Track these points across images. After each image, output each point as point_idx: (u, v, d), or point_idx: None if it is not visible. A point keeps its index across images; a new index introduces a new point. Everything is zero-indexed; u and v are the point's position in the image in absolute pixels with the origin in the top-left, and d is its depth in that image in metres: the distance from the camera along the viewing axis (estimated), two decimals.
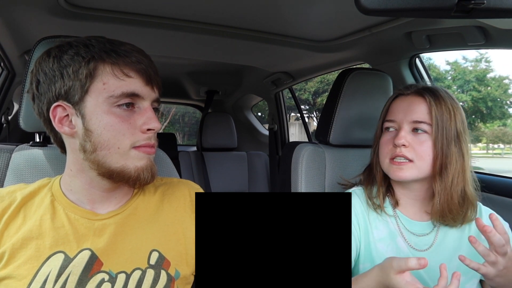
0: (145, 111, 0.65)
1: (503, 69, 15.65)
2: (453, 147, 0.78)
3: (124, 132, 0.62)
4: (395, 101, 0.86)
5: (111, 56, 0.62)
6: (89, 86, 0.61)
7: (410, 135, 0.80)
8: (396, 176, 0.81)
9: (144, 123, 0.64)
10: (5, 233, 0.62)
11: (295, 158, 1.09)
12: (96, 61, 0.61)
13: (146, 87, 0.65)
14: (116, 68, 0.62)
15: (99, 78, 0.61)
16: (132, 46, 0.66)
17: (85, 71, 0.61)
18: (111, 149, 0.62)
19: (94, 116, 0.61)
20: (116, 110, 0.62)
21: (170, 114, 8.11)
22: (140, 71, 0.64)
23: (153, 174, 0.67)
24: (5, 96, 1.72)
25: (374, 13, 0.56)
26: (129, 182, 0.64)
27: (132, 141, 0.63)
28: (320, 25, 1.30)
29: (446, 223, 0.82)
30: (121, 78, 0.62)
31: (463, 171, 0.79)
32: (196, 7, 1.15)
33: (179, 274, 0.68)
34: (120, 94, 0.62)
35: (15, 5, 1.11)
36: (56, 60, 0.62)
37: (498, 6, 0.54)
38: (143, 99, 0.65)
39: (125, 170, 0.63)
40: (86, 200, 0.67)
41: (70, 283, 0.60)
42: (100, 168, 0.63)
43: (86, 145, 0.62)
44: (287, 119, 2.49)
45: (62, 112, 0.63)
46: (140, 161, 0.64)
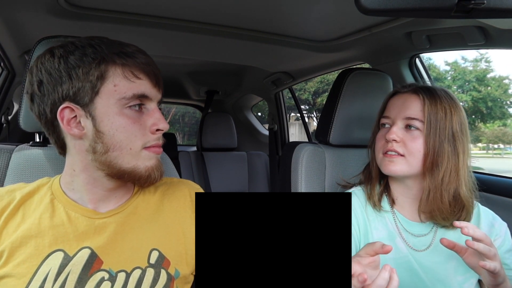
0: (153, 112, 0.66)
1: (503, 69, 15.65)
2: (447, 146, 0.78)
3: (136, 133, 0.63)
4: (392, 98, 0.87)
5: (121, 58, 0.62)
6: (100, 87, 0.61)
7: (402, 131, 0.81)
8: (387, 170, 0.82)
9: (154, 124, 0.65)
10: (4, 232, 0.62)
11: (295, 158, 1.09)
12: (107, 62, 0.61)
13: (154, 88, 0.66)
14: (126, 69, 0.62)
15: (110, 79, 0.61)
16: (137, 48, 0.66)
17: (96, 72, 0.61)
18: (123, 150, 0.63)
19: (105, 118, 0.62)
20: (127, 111, 0.63)
21: (170, 114, 8.11)
22: (149, 73, 0.64)
23: (162, 173, 0.68)
24: (5, 96, 1.72)
25: (374, 13, 0.56)
26: (140, 181, 0.66)
27: (144, 142, 0.64)
28: (320, 25, 1.30)
29: (437, 222, 0.82)
30: (131, 80, 0.62)
31: (456, 170, 0.78)
32: (196, 7, 1.15)
33: (178, 273, 0.68)
34: (131, 96, 0.62)
35: (15, 5, 1.11)
36: (63, 60, 0.61)
37: (498, 6, 0.54)
38: (151, 100, 0.66)
39: (136, 170, 0.64)
40: (88, 199, 0.67)
41: (69, 282, 0.60)
42: (111, 168, 0.64)
43: (96, 146, 0.62)
44: (287, 119, 2.49)
45: (70, 114, 0.62)
46: (150, 161, 0.66)
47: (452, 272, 0.79)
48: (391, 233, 0.83)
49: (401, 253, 0.81)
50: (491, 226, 0.83)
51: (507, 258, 0.80)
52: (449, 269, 0.80)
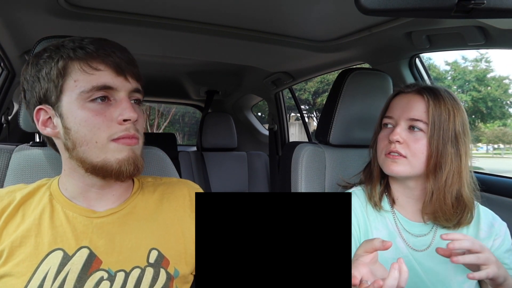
0: (121, 102, 0.64)
1: (503, 69, 15.64)
2: (450, 148, 0.78)
3: (100, 125, 0.62)
4: (395, 98, 0.87)
5: (76, 52, 0.63)
6: (62, 85, 0.63)
7: (405, 132, 0.81)
8: (389, 170, 0.82)
9: (120, 114, 0.64)
10: (4, 232, 0.63)
11: (295, 158, 1.09)
12: (64, 60, 0.63)
13: (118, 78, 0.64)
14: (83, 63, 0.63)
15: (70, 76, 0.63)
16: (111, 43, 0.66)
17: (55, 71, 0.63)
18: (89, 144, 0.63)
19: (70, 114, 0.63)
20: (90, 105, 0.63)
21: (170, 114, 8.11)
22: (108, 63, 0.63)
23: (137, 166, 0.65)
24: (5, 96, 1.72)
25: (374, 13, 0.56)
26: (112, 175, 0.64)
27: (109, 134, 0.63)
28: (320, 25, 1.29)
29: (440, 223, 0.82)
30: (89, 73, 0.62)
31: (459, 172, 0.78)
32: (196, 7, 1.15)
33: (178, 273, 0.68)
34: (90, 88, 0.62)
35: (15, 5, 1.11)
36: (33, 66, 0.65)
37: (498, 6, 0.54)
38: (117, 90, 0.64)
39: (107, 164, 0.63)
40: (81, 198, 0.68)
41: (69, 281, 0.60)
42: (84, 164, 0.64)
43: (67, 143, 0.64)
44: (287, 119, 2.48)
45: (44, 115, 0.65)
46: (121, 153, 0.64)
47: (452, 272, 0.79)
48: (391, 233, 0.83)
49: (401, 253, 0.81)
50: (491, 226, 0.83)
51: (506, 258, 0.80)
52: (449, 269, 0.80)
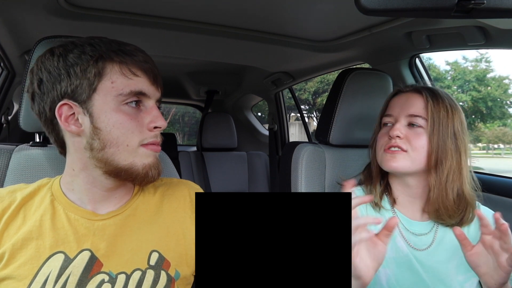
0: (151, 109, 0.66)
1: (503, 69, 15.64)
2: (449, 144, 0.79)
3: (133, 129, 0.63)
4: (394, 97, 0.88)
5: (119, 55, 0.63)
6: (97, 84, 0.62)
7: (405, 128, 0.82)
8: (388, 166, 0.82)
9: (151, 121, 0.65)
10: (5, 234, 0.62)
11: (295, 158, 1.09)
12: (105, 60, 0.62)
13: (152, 86, 0.66)
14: (124, 67, 0.63)
15: (108, 76, 0.62)
16: (135, 47, 0.67)
17: (94, 69, 0.61)
18: (120, 147, 0.63)
19: (102, 114, 0.62)
20: (124, 108, 0.63)
21: (170, 114, 8.10)
22: (147, 71, 0.65)
23: (159, 172, 0.68)
24: (5, 96, 1.72)
25: (374, 13, 0.56)
26: (137, 179, 0.65)
27: (141, 139, 0.64)
28: (320, 25, 1.29)
29: (443, 221, 0.82)
30: (129, 77, 0.63)
31: (459, 169, 0.79)
32: (196, 7, 1.15)
33: (179, 274, 0.68)
34: (128, 93, 0.63)
35: (15, 5, 1.11)
36: (62, 58, 0.62)
37: (498, 6, 0.54)
38: (149, 98, 0.66)
39: (133, 168, 0.64)
40: (87, 199, 0.67)
41: (70, 284, 0.60)
42: (108, 166, 0.64)
43: (94, 143, 0.63)
44: (287, 119, 2.49)
45: (68, 111, 0.63)
46: (148, 159, 0.65)
47: (453, 272, 0.79)
48: None
49: (401, 252, 0.81)
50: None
51: None
52: (450, 268, 0.80)
